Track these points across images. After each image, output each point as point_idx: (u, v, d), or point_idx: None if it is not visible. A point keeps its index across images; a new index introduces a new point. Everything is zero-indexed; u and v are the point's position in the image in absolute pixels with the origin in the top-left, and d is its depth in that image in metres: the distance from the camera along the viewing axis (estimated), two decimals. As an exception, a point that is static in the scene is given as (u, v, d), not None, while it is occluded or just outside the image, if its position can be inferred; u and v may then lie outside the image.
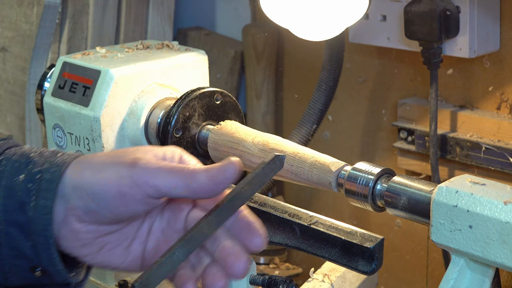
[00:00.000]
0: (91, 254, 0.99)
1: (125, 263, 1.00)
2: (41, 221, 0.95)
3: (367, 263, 1.00)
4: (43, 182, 0.96)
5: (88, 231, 0.97)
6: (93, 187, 0.95)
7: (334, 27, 1.35)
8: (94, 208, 0.95)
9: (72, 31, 1.93)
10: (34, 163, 0.98)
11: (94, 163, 0.98)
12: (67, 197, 0.96)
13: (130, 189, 0.94)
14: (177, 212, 1.00)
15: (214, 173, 0.94)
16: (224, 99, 1.37)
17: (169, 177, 0.93)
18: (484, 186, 0.99)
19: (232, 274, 0.91)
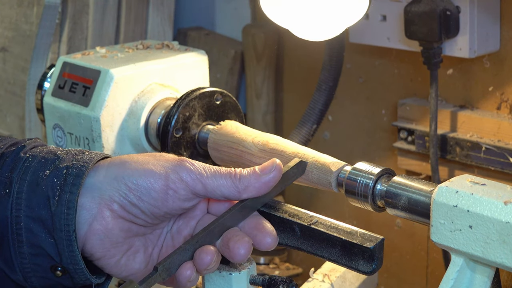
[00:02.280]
0: (117, 255, 0.98)
1: (143, 270, 1.00)
2: (64, 215, 0.95)
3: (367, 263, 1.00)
4: (69, 177, 0.96)
5: (121, 229, 0.97)
6: (137, 179, 0.96)
7: (334, 27, 1.35)
8: (133, 200, 0.96)
9: (72, 31, 1.93)
10: (61, 159, 0.98)
11: (137, 158, 0.99)
12: (102, 190, 0.96)
13: (175, 183, 0.96)
14: (188, 220, 1.03)
15: (259, 173, 0.99)
16: (224, 99, 1.37)
17: (216, 176, 0.97)
18: (484, 186, 0.99)
19: (234, 256, 0.96)
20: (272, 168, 0.99)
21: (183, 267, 0.96)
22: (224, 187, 0.98)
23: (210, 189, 0.97)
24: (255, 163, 1.23)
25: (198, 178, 0.97)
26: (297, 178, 1.06)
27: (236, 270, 1.08)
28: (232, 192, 0.98)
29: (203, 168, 0.98)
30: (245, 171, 0.99)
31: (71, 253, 0.96)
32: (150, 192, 0.96)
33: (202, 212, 1.03)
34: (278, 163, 1.00)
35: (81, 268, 0.97)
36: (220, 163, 1.32)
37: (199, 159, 1.35)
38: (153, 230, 1.02)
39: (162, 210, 0.98)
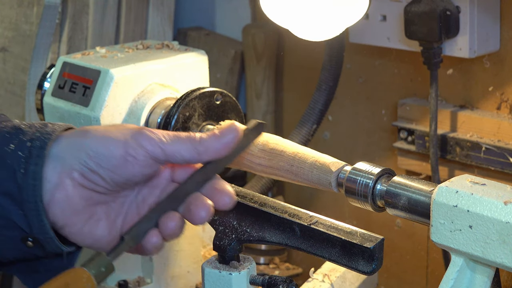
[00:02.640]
0: (79, 223, 1.00)
1: (106, 237, 1.02)
2: (32, 187, 0.97)
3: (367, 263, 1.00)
4: (33, 149, 0.98)
5: (82, 197, 0.99)
6: (97, 147, 0.98)
7: (334, 27, 1.35)
8: (92, 167, 0.98)
9: (72, 31, 1.93)
10: (25, 133, 1.00)
11: (97, 127, 1.01)
12: (63, 159, 0.98)
13: (134, 150, 0.98)
14: (153, 189, 1.04)
15: (218, 135, 1.00)
16: (224, 99, 1.37)
17: (176, 140, 0.99)
18: (484, 186, 0.99)
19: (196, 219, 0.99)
20: (231, 129, 1.01)
21: (149, 234, 0.98)
22: (184, 150, 0.99)
23: (169, 153, 0.99)
24: (255, 163, 1.24)
25: (157, 143, 0.98)
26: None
27: (236, 270, 1.08)
28: (192, 154, 0.99)
29: (163, 134, 1.00)
30: (204, 135, 1.00)
31: (40, 222, 0.98)
32: (109, 159, 0.98)
33: (167, 180, 1.04)
34: (237, 124, 1.01)
35: (51, 237, 0.99)
36: (220, 163, 1.32)
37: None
38: (116, 198, 1.03)
39: (122, 176, 0.99)
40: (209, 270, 1.09)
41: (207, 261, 1.11)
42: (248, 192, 1.13)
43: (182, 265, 1.47)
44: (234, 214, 1.11)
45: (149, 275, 1.44)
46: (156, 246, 0.99)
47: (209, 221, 1.03)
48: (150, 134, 0.99)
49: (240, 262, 1.10)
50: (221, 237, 1.10)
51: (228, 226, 1.11)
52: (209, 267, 1.10)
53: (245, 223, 1.10)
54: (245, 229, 1.10)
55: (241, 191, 1.14)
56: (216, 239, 1.11)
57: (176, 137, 1.00)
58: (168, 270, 1.45)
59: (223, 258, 1.10)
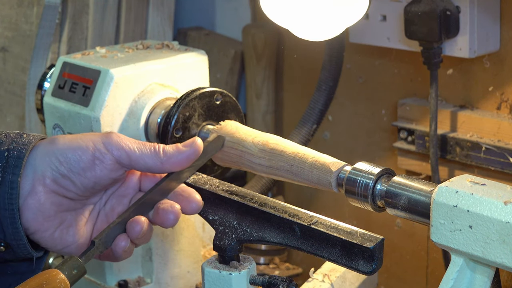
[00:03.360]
0: (50, 229, 1.04)
1: (76, 243, 1.07)
2: (8, 195, 1.01)
3: (367, 263, 1.00)
4: (10, 159, 1.02)
5: (53, 203, 1.04)
6: (66, 152, 1.04)
7: (334, 27, 1.35)
8: (63, 172, 1.03)
9: (72, 31, 1.93)
10: (1, 143, 1.04)
11: (65, 136, 1.07)
12: (36, 166, 1.03)
13: (101, 154, 1.04)
14: (121, 198, 1.10)
15: (180, 147, 1.08)
16: (224, 99, 1.37)
17: (140, 147, 1.06)
18: (484, 186, 0.99)
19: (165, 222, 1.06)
20: (193, 143, 1.09)
21: (118, 238, 1.04)
22: (148, 157, 1.06)
23: (134, 159, 1.06)
24: (255, 163, 1.24)
25: (123, 148, 1.05)
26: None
27: (236, 270, 1.08)
28: (155, 162, 1.06)
29: (129, 141, 1.06)
30: (168, 146, 1.08)
31: (15, 229, 1.02)
32: (79, 163, 1.04)
33: (134, 190, 1.11)
34: (199, 140, 1.09)
35: (23, 243, 1.03)
36: (220, 163, 1.32)
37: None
38: (84, 205, 1.09)
39: (91, 180, 1.05)
40: (209, 270, 1.09)
41: (207, 261, 1.11)
42: (248, 192, 1.13)
43: (182, 265, 1.47)
44: (234, 214, 1.11)
45: (149, 275, 1.44)
46: (125, 250, 1.05)
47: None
48: (117, 139, 1.06)
49: (240, 262, 1.10)
50: (221, 237, 1.10)
51: (228, 226, 1.11)
52: (209, 267, 1.09)
53: (245, 223, 1.10)
54: (245, 229, 1.10)
55: (241, 191, 1.14)
56: (216, 239, 1.11)
57: (142, 145, 1.06)
58: (168, 270, 1.45)
59: (223, 258, 1.10)
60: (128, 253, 1.06)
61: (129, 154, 1.05)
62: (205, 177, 1.17)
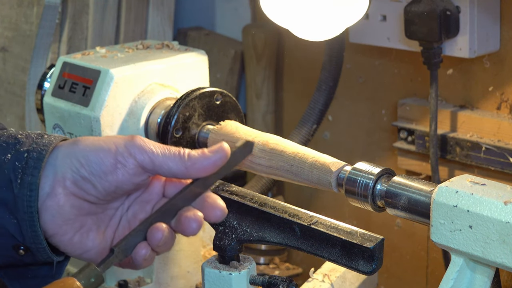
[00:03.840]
0: (69, 233, 1.02)
1: (96, 248, 1.04)
2: (27, 197, 0.98)
3: (367, 263, 1.00)
4: (30, 160, 0.99)
5: (73, 206, 1.01)
6: (88, 155, 1.00)
7: (334, 27, 1.35)
8: (84, 175, 1.00)
9: (72, 31, 1.93)
10: (22, 143, 1.02)
11: (88, 137, 1.04)
12: (57, 167, 1.00)
13: (124, 158, 1.00)
14: (144, 204, 1.06)
15: (206, 153, 1.02)
16: (224, 99, 1.37)
17: (164, 152, 1.01)
18: (484, 186, 0.99)
19: (186, 230, 1.01)
20: (220, 148, 1.03)
21: (138, 246, 1.00)
22: (172, 162, 1.01)
23: (158, 164, 1.01)
24: (255, 163, 1.24)
25: (147, 153, 1.01)
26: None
27: (236, 270, 1.08)
28: (180, 168, 1.01)
29: (153, 145, 1.02)
30: (193, 151, 1.03)
31: (34, 233, 0.99)
32: (100, 166, 1.00)
33: (158, 196, 1.07)
34: (225, 145, 1.04)
35: (43, 247, 1.01)
36: (220, 163, 1.32)
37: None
38: (105, 210, 1.05)
39: (112, 184, 1.01)
40: (209, 270, 1.09)
41: (207, 261, 1.11)
42: (248, 192, 1.13)
43: (182, 265, 1.47)
44: (234, 214, 1.11)
45: (149, 275, 1.44)
46: (146, 258, 1.01)
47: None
48: (141, 143, 1.01)
49: (240, 262, 1.10)
50: (221, 237, 1.10)
51: (228, 226, 1.11)
52: (209, 267, 1.10)
53: (245, 223, 1.10)
54: (245, 229, 1.10)
55: (241, 191, 1.14)
56: (216, 239, 1.11)
57: (166, 149, 1.02)
58: (168, 270, 1.45)
59: (223, 258, 1.10)
60: (149, 261, 1.02)
61: (153, 158, 1.01)
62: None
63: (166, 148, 1.02)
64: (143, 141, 1.02)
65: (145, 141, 1.02)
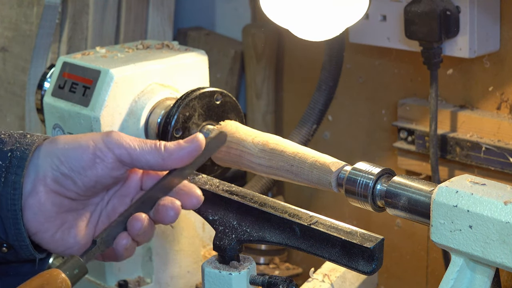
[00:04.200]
0: (51, 230, 1.04)
1: (78, 244, 1.06)
2: (11, 195, 1.00)
3: (367, 263, 1.00)
4: (13, 159, 1.01)
5: (54, 203, 1.03)
6: (68, 151, 1.03)
7: (334, 27, 1.35)
8: (64, 171, 1.02)
9: (72, 31, 1.93)
10: (5, 143, 1.04)
11: (69, 136, 1.07)
12: (39, 166, 1.02)
13: (102, 152, 1.03)
14: (123, 198, 1.09)
15: (182, 143, 1.06)
16: (224, 99, 1.37)
17: (141, 145, 1.05)
18: (484, 186, 0.99)
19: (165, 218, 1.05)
20: (194, 139, 1.07)
21: (119, 237, 1.03)
22: (149, 154, 1.04)
23: (135, 157, 1.04)
24: (255, 163, 1.24)
25: (124, 147, 1.04)
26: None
27: (236, 270, 1.08)
28: (157, 160, 1.05)
29: (130, 139, 1.05)
30: (169, 143, 1.06)
31: (17, 230, 1.01)
32: (79, 162, 1.03)
33: (136, 189, 1.10)
34: (200, 135, 1.08)
35: (26, 244, 1.03)
36: (220, 163, 1.32)
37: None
38: (85, 206, 1.08)
39: (92, 179, 1.04)
40: (209, 270, 1.09)
41: (207, 261, 1.11)
42: (248, 192, 1.13)
43: (182, 265, 1.47)
44: (234, 214, 1.11)
45: (149, 275, 1.44)
46: (127, 248, 1.04)
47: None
48: (118, 138, 1.04)
49: (240, 262, 1.10)
50: (221, 237, 1.10)
51: (228, 226, 1.11)
52: (209, 267, 1.09)
53: (245, 223, 1.10)
54: (245, 229, 1.10)
55: (241, 191, 1.14)
56: (216, 239, 1.11)
57: (143, 142, 1.05)
58: (168, 270, 1.45)
59: (223, 258, 1.10)
60: (130, 251, 1.05)
61: (130, 152, 1.04)
62: (205, 177, 1.17)
63: (143, 142, 1.05)
64: (120, 136, 1.05)
65: (122, 135, 1.05)
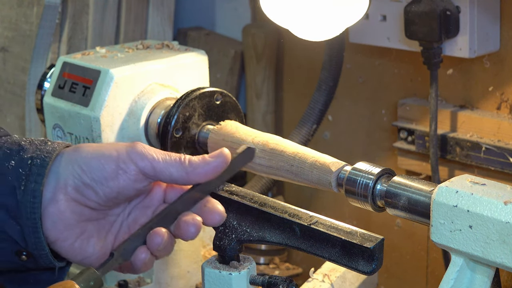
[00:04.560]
0: (70, 238, 1.02)
1: (97, 253, 1.04)
2: (30, 204, 0.99)
3: (367, 263, 1.00)
4: (33, 167, 1.00)
5: (73, 212, 1.01)
6: (90, 161, 1.01)
7: (334, 27, 1.35)
8: (86, 181, 1.01)
9: (72, 31, 1.93)
10: (25, 150, 1.02)
11: (90, 144, 1.05)
12: (59, 174, 1.01)
13: (126, 164, 1.01)
14: (145, 209, 1.07)
15: (207, 158, 1.03)
16: (224, 99, 1.37)
17: (165, 158, 1.02)
18: (484, 186, 0.99)
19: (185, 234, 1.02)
20: (220, 154, 1.04)
21: (137, 250, 1.01)
22: (173, 167, 1.02)
23: (158, 170, 1.02)
24: (255, 163, 1.24)
25: (148, 159, 1.02)
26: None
27: (236, 270, 1.08)
28: (181, 173, 1.02)
29: (154, 151, 1.03)
30: (194, 157, 1.04)
31: (37, 239, 1.00)
32: (102, 172, 1.01)
33: (159, 202, 1.08)
34: (226, 150, 1.05)
35: (45, 253, 1.01)
36: (220, 163, 1.32)
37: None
38: (106, 216, 1.06)
39: (113, 190, 1.01)
40: (209, 270, 1.09)
41: (207, 261, 1.11)
42: (248, 192, 1.13)
43: (182, 265, 1.47)
44: (234, 214, 1.11)
45: (149, 275, 1.44)
46: (145, 263, 1.02)
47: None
48: (142, 149, 1.02)
49: (240, 262, 1.10)
50: (221, 237, 1.10)
51: (228, 226, 1.11)
52: (209, 267, 1.09)
53: (245, 223, 1.10)
54: (245, 229, 1.10)
55: (241, 191, 1.14)
56: (216, 239, 1.10)
57: (167, 155, 1.03)
58: (168, 270, 1.45)
59: (223, 258, 1.10)
60: (149, 265, 1.03)
61: (154, 164, 1.01)
62: (205, 177, 1.17)
63: (167, 154, 1.03)
64: (144, 148, 1.02)
65: (146, 147, 1.03)
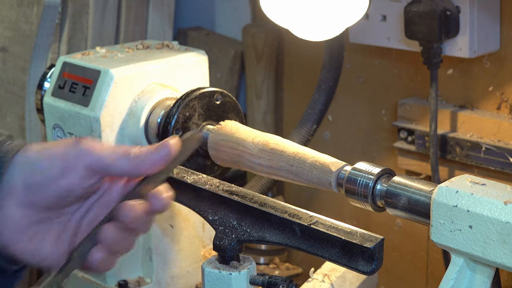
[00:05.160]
0: (23, 241, 1.00)
1: (54, 255, 1.03)
2: None
3: (367, 263, 1.00)
4: None
5: (24, 215, 1.00)
6: (38, 160, 1.00)
7: (334, 27, 1.35)
8: (36, 181, 0.99)
9: (72, 31, 1.93)
10: None
11: (42, 144, 1.03)
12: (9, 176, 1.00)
13: (73, 160, 0.99)
14: (104, 207, 1.05)
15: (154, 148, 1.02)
16: (224, 99, 1.37)
17: (112, 152, 1.01)
18: (484, 186, 0.99)
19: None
20: (165, 143, 1.02)
21: (93, 250, 1.00)
22: (120, 161, 1.00)
23: (106, 164, 1.00)
24: (255, 163, 1.24)
25: (94, 154, 1.00)
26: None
27: (236, 270, 1.08)
28: (130, 166, 1.01)
29: (101, 146, 1.02)
30: (142, 148, 1.02)
31: None
32: (50, 171, 0.99)
33: (118, 198, 1.05)
34: (172, 139, 1.03)
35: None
36: (220, 163, 1.32)
37: (199, 159, 1.35)
38: (60, 215, 1.04)
39: (63, 188, 1.00)
40: (209, 270, 1.09)
41: (207, 261, 1.11)
42: (248, 192, 1.13)
43: (182, 265, 1.47)
44: (234, 214, 1.11)
45: (149, 275, 1.44)
46: (102, 262, 1.00)
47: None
48: (88, 145, 1.01)
49: (240, 262, 1.10)
50: (221, 237, 1.10)
51: (228, 226, 1.11)
52: (209, 267, 1.09)
53: (245, 223, 1.10)
54: (245, 229, 1.10)
55: (241, 191, 1.14)
56: (216, 239, 1.11)
57: (114, 149, 1.01)
58: (168, 270, 1.45)
59: (223, 258, 1.10)
60: (108, 265, 1.02)
61: (101, 159, 1.00)
62: (205, 177, 1.17)
63: (114, 148, 1.02)
64: (90, 143, 1.01)
65: (93, 143, 1.02)
